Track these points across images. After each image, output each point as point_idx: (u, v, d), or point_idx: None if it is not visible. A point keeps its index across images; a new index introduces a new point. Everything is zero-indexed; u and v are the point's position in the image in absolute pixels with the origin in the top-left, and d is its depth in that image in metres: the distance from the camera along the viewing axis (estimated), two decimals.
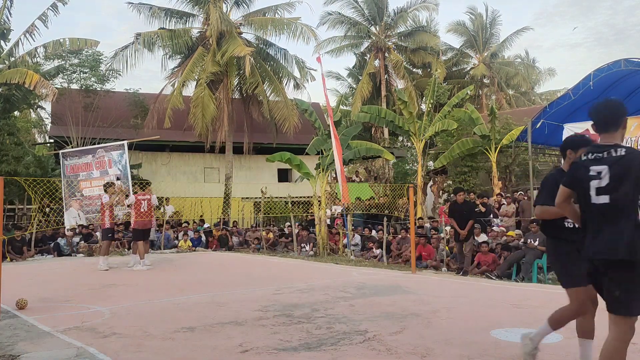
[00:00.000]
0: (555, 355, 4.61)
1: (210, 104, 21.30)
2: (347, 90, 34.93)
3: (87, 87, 23.00)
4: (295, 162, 15.27)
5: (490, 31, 34.72)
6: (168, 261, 13.68)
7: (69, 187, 17.09)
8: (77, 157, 18.06)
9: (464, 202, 10.99)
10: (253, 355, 4.76)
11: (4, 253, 12.66)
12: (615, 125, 3.34)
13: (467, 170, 20.58)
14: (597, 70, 12.42)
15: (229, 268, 12.43)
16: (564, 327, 4.94)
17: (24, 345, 5.21)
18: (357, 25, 31.23)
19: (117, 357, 4.76)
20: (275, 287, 8.82)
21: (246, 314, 6.55)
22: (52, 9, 19.68)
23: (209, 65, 21.31)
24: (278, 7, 23.51)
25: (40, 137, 32.22)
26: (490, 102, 29.47)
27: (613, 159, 3.19)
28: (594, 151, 3.31)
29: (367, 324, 5.87)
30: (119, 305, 7.31)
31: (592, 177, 3.23)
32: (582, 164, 3.31)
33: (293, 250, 15.78)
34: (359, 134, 27.80)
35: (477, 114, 19.75)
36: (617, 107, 3.39)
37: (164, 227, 17.56)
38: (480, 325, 5.67)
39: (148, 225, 12.75)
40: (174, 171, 24.79)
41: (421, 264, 11.71)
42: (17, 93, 19.94)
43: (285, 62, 23.64)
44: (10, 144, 20.14)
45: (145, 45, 21.63)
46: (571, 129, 13.04)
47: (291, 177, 25.78)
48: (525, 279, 9.59)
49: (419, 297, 7.63)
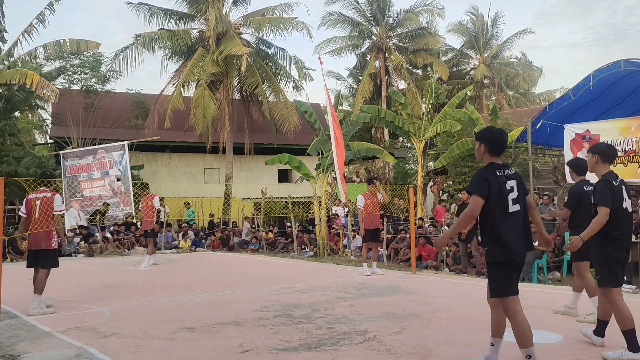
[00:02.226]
0: (555, 355, 4.61)
1: (210, 104, 21.32)
2: (347, 90, 34.96)
3: (88, 88, 23.02)
4: (294, 163, 15.27)
5: (492, 32, 34.73)
6: (168, 261, 13.69)
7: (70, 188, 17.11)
8: (78, 157, 18.11)
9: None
10: (253, 356, 4.76)
11: (4, 253, 12.67)
12: (505, 149, 4.20)
13: (467, 170, 20.56)
14: (597, 70, 12.41)
15: (229, 268, 12.44)
16: (565, 328, 4.94)
17: (24, 346, 5.22)
18: (358, 25, 31.23)
19: (117, 357, 4.77)
20: (276, 287, 8.82)
21: (246, 314, 6.56)
22: (48, 8, 19.70)
23: (209, 65, 21.34)
24: (276, 8, 23.55)
25: (40, 137, 32.23)
26: (490, 103, 29.48)
27: (516, 176, 3.98)
28: (503, 168, 3.98)
29: (367, 324, 5.87)
30: (119, 306, 7.31)
31: (508, 190, 3.88)
32: (499, 180, 3.89)
33: (293, 251, 15.79)
34: (359, 134, 27.84)
35: (477, 114, 19.73)
36: (507, 137, 4.20)
37: (164, 228, 17.57)
38: (480, 325, 5.66)
39: (146, 226, 12.80)
40: (175, 172, 24.80)
41: (421, 264, 11.72)
42: (18, 94, 19.95)
43: (284, 62, 23.68)
44: (11, 144, 20.17)
45: (145, 46, 21.66)
46: (571, 129, 13.04)
47: (291, 177, 25.80)
48: (525, 279, 9.58)
49: (419, 297, 7.63)
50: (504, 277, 3.88)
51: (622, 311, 4.41)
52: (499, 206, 3.85)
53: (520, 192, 3.94)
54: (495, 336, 4.14)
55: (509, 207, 3.86)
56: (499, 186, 3.86)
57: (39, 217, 7.01)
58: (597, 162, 4.76)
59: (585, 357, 4.60)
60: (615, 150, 5.01)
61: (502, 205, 3.85)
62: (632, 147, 11.74)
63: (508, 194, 3.87)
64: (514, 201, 3.88)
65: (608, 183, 4.59)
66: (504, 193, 3.86)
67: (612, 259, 4.54)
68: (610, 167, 4.79)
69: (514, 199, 3.88)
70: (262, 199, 19.67)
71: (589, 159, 4.88)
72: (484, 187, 3.84)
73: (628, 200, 4.66)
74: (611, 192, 4.55)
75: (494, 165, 3.97)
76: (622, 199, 4.58)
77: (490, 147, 4.02)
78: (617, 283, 4.53)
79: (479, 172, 4.02)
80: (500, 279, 3.90)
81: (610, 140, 12.08)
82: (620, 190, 4.60)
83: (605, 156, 4.73)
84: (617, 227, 4.53)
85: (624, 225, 4.58)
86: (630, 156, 11.77)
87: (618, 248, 4.56)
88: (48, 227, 7.01)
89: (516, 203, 3.89)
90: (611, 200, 4.51)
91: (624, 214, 4.57)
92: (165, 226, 17.74)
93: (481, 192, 3.83)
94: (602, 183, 4.62)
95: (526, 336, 3.81)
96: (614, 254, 4.54)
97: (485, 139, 4.05)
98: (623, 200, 4.59)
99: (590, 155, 4.85)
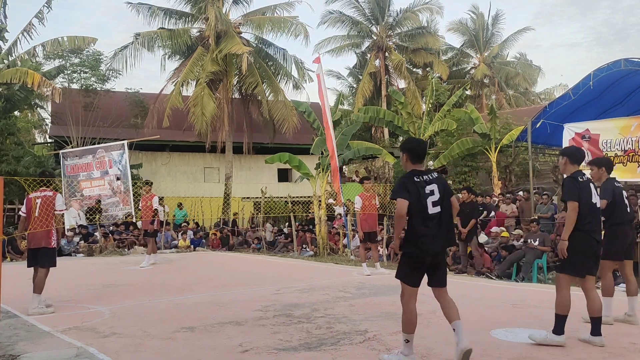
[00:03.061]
0: (556, 355, 4.61)
1: (209, 103, 21.31)
2: (347, 89, 34.94)
3: (88, 87, 23.00)
4: (294, 162, 15.27)
5: (492, 31, 34.69)
6: (168, 261, 13.69)
7: (69, 187, 17.08)
8: (78, 157, 18.06)
9: (470, 201, 11.00)
10: (253, 355, 4.76)
11: (4, 253, 12.66)
12: (424, 156, 4.61)
13: (467, 170, 20.57)
14: (597, 70, 12.40)
15: (228, 268, 12.43)
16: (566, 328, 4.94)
17: (24, 345, 5.21)
18: (358, 24, 31.21)
19: (117, 357, 4.76)
20: (275, 287, 8.82)
21: (246, 314, 6.55)
22: (47, 7, 19.67)
23: (209, 64, 21.32)
24: (277, 7, 23.53)
25: (40, 137, 32.21)
26: (490, 102, 29.46)
27: (438, 180, 4.36)
28: (422, 174, 4.37)
29: (367, 323, 5.87)
30: (119, 305, 7.31)
31: (428, 194, 4.26)
32: (417, 185, 4.28)
33: (293, 250, 15.78)
34: (359, 134, 27.81)
35: (477, 113, 19.74)
36: (425, 145, 4.71)
37: (164, 227, 17.55)
38: (480, 325, 5.66)
39: (146, 226, 12.79)
40: (174, 171, 24.79)
41: None
42: (18, 93, 19.93)
43: (284, 62, 23.67)
44: (11, 143, 20.15)
45: (144, 45, 21.64)
46: (571, 129, 13.01)
47: (291, 177, 25.78)
48: (525, 279, 9.58)
49: (418, 297, 7.59)
50: (409, 267, 4.39)
51: (565, 298, 4.81)
52: (419, 209, 4.26)
53: (442, 194, 4.33)
54: (408, 332, 4.42)
55: (429, 209, 4.27)
56: (417, 190, 4.27)
57: (38, 216, 7.02)
58: (566, 163, 5.14)
59: (586, 356, 4.60)
60: (583, 152, 5.41)
61: (421, 208, 4.26)
62: (631, 147, 11.72)
63: (427, 197, 4.28)
64: (434, 204, 4.29)
65: (574, 179, 4.95)
66: (423, 196, 4.27)
67: (579, 250, 4.85)
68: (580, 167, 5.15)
69: (434, 202, 4.29)
70: (262, 199, 19.65)
71: (559, 161, 5.28)
72: (404, 191, 4.27)
73: (596, 197, 5.01)
74: (578, 188, 4.88)
75: (414, 172, 4.39)
76: (589, 195, 4.92)
77: (411, 155, 4.48)
78: (574, 272, 4.92)
79: (400, 179, 4.46)
80: (405, 267, 4.42)
81: (610, 139, 12.07)
82: (587, 186, 4.95)
83: (574, 158, 5.12)
84: (587, 221, 4.84)
85: (593, 219, 4.90)
86: (629, 155, 11.76)
87: (587, 240, 4.85)
88: (48, 226, 7.02)
89: (437, 205, 4.29)
90: (578, 195, 4.85)
91: (592, 208, 4.90)
92: (164, 225, 17.73)
93: (401, 194, 4.27)
94: (568, 180, 4.99)
95: (410, 323, 4.37)
96: (582, 245, 4.84)
97: (407, 149, 4.53)
98: (591, 196, 4.93)
99: (560, 157, 5.29)
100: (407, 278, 4.40)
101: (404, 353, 4.43)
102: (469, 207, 10.88)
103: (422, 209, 4.26)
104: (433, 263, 4.38)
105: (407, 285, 4.40)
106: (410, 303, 4.40)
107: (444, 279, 4.45)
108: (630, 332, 5.39)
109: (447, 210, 4.37)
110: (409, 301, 4.41)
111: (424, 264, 4.36)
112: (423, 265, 4.37)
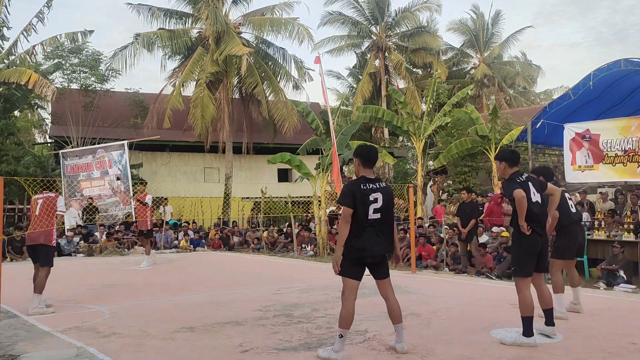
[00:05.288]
0: (555, 356, 4.61)
1: (209, 104, 21.31)
2: (348, 90, 34.92)
3: (87, 87, 22.99)
4: (295, 162, 15.27)
5: (492, 31, 34.67)
6: (168, 261, 13.69)
7: (69, 187, 17.09)
8: (77, 157, 18.08)
9: (470, 201, 11.00)
10: (253, 355, 4.76)
11: (4, 253, 12.65)
12: (375, 163, 4.79)
13: (467, 170, 20.54)
14: (597, 70, 12.41)
15: (228, 268, 12.43)
16: (565, 327, 4.95)
17: (24, 345, 5.21)
18: (358, 25, 31.20)
19: (117, 357, 4.77)
20: (275, 287, 8.82)
21: (246, 314, 6.55)
22: (46, 7, 19.67)
23: (208, 65, 21.32)
24: (276, 7, 23.52)
25: (40, 137, 32.20)
26: (490, 103, 29.46)
27: (384, 190, 4.59)
28: (369, 182, 4.57)
29: (367, 323, 5.87)
30: (119, 305, 7.31)
31: (372, 201, 4.49)
32: (362, 192, 4.49)
33: (293, 250, 15.78)
34: (359, 134, 27.81)
35: (477, 113, 19.71)
36: (376, 151, 4.83)
37: (163, 227, 17.55)
38: (480, 325, 5.67)
39: (142, 227, 12.79)
40: (174, 171, 24.79)
41: (421, 264, 11.71)
42: (17, 93, 19.93)
43: (284, 62, 23.67)
44: (10, 144, 20.14)
45: (144, 45, 21.64)
46: (571, 129, 13.02)
47: (291, 177, 25.78)
48: None
49: (419, 297, 7.63)
50: (349, 263, 4.53)
51: (527, 299, 4.91)
52: (361, 214, 4.47)
53: (386, 203, 4.56)
54: (344, 327, 4.54)
55: (369, 215, 4.47)
56: (362, 197, 4.48)
57: (39, 215, 7.07)
58: (505, 167, 5.27)
59: (586, 356, 4.60)
60: (518, 154, 5.45)
61: (363, 213, 4.47)
62: (631, 147, 11.73)
63: (370, 204, 4.48)
64: (375, 210, 4.50)
65: (511, 181, 5.11)
66: (367, 203, 4.48)
67: (524, 249, 5.03)
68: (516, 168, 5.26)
69: (376, 209, 4.50)
70: (262, 199, 19.65)
71: (498, 166, 5.40)
72: (350, 198, 4.48)
73: (537, 195, 5.14)
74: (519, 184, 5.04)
75: (361, 180, 4.60)
76: (529, 193, 5.03)
77: (363, 160, 4.69)
78: (527, 274, 5.05)
79: (347, 185, 4.68)
80: (346, 264, 4.54)
81: (610, 139, 12.08)
82: (526, 185, 5.08)
83: (511, 161, 5.24)
84: (530, 219, 4.96)
85: (535, 216, 5.03)
86: (629, 155, 11.76)
87: (531, 237, 5.00)
88: (49, 225, 7.07)
89: (377, 212, 4.51)
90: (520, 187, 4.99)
91: (533, 206, 5.02)
92: (164, 225, 17.74)
93: (348, 202, 4.48)
94: (506, 182, 5.18)
95: (346, 319, 4.51)
96: (527, 243, 5.01)
97: (358, 154, 4.74)
98: (531, 195, 5.05)
99: (497, 162, 5.40)
100: (349, 272, 4.56)
101: (335, 349, 4.53)
102: (469, 207, 10.87)
103: (364, 214, 4.48)
104: (373, 263, 4.63)
105: (349, 279, 4.56)
106: (350, 299, 4.55)
107: (386, 271, 4.70)
108: (630, 332, 5.40)
109: (388, 219, 4.61)
110: (349, 297, 4.55)
111: (364, 262, 4.60)
112: (363, 263, 4.60)
